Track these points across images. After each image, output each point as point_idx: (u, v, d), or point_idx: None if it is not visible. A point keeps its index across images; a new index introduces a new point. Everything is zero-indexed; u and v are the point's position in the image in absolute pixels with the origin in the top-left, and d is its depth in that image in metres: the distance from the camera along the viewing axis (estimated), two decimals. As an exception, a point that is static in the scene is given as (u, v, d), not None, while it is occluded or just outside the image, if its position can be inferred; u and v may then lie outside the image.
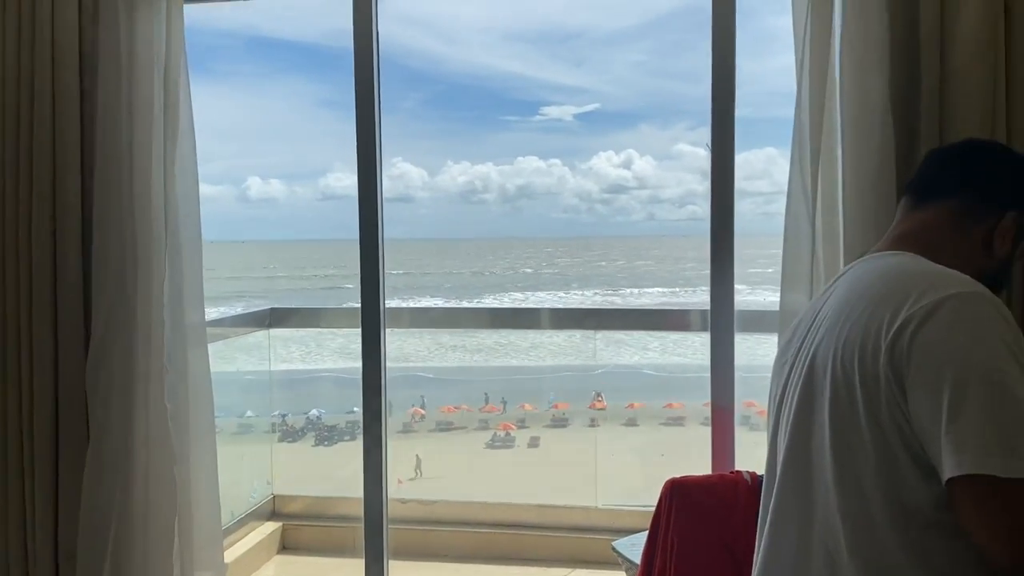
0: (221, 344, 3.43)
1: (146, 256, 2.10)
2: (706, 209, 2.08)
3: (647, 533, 1.88)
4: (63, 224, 2.15)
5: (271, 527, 3.56)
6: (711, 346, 2.09)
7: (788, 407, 1.24)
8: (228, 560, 3.05)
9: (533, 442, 9.91)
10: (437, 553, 3.43)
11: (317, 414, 9.96)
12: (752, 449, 2.14)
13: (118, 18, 2.06)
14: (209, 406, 2.21)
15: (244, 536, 3.41)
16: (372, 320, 2.31)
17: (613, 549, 2.15)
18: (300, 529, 3.62)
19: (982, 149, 1.37)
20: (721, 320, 2.08)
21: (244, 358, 3.87)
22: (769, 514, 1.26)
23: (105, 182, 2.09)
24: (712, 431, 2.09)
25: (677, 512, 1.81)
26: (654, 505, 1.90)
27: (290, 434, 9.48)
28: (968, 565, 1.04)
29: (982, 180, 1.27)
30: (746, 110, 2.06)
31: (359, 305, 2.32)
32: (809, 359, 1.19)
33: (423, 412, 10.54)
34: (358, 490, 2.37)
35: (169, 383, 2.13)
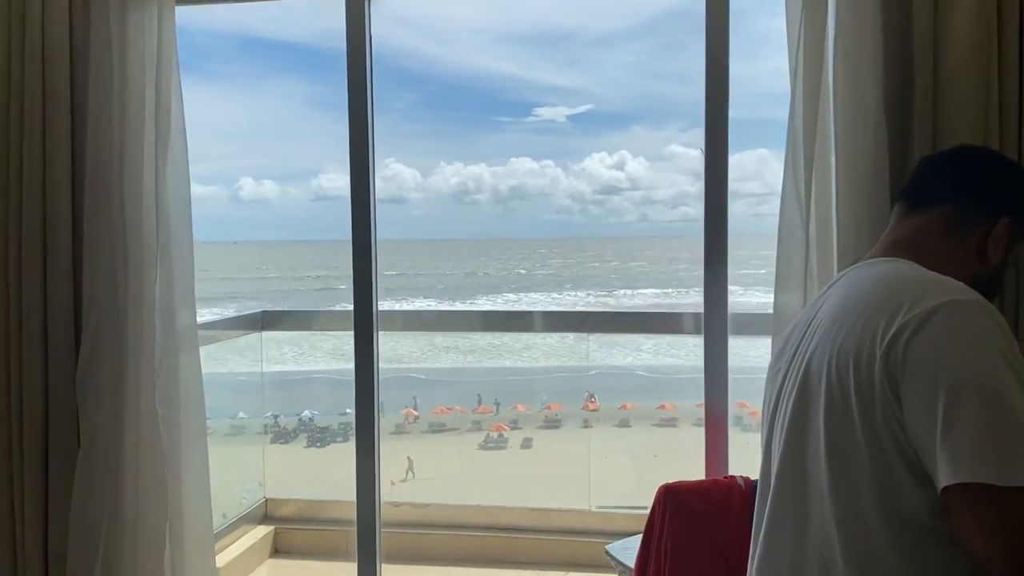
0: (214, 346, 3.41)
1: (137, 259, 2.08)
2: (698, 210, 2.07)
3: (641, 538, 1.88)
4: (53, 227, 2.13)
5: (263, 531, 3.55)
6: (705, 351, 2.08)
7: (783, 414, 1.23)
8: (220, 564, 3.04)
9: (526, 443, 9.91)
10: (430, 557, 3.42)
11: (310, 415, 9.93)
12: (744, 450, 2.14)
13: (109, 19, 2.04)
14: (200, 410, 2.20)
15: (236, 540, 3.40)
16: (365, 323, 2.30)
17: (606, 553, 2.15)
18: (292, 533, 3.61)
19: (975, 155, 1.36)
20: (715, 325, 2.07)
21: (237, 359, 3.85)
22: (764, 521, 1.25)
23: (96, 184, 2.08)
24: (706, 436, 2.09)
25: (671, 518, 1.80)
26: (647, 507, 1.90)
27: (282, 435, 9.45)
28: (963, 573, 1.04)
29: (975, 186, 1.27)
30: (738, 111, 2.05)
31: (352, 307, 2.32)
32: (804, 366, 1.19)
33: (416, 413, 10.53)
34: (351, 493, 2.35)
35: (160, 387, 2.11)
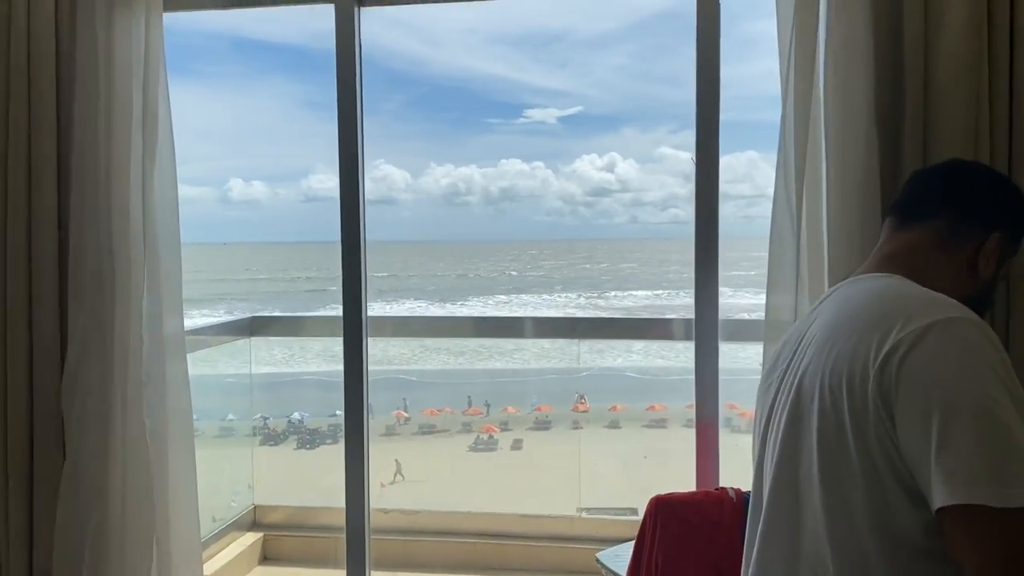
0: (203, 349, 3.39)
1: (124, 267, 2.04)
2: (688, 212, 2.06)
3: (632, 550, 1.86)
4: (39, 234, 2.09)
5: (252, 537, 3.52)
6: (695, 359, 2.07)
7: (775, 431, 1.23)
8: (209, 571, 3.01)
9: (516, 445, 9.91)
10: (420, 564, 3.41)
11: (299, 417, 9.90)
12: (734, 451, 2.14)
13: (95, 24, 2.01)
14: (188, 419, 2.16)
15: (225, 547, 3.37)
16: (354, 330, 2.27)
17: (597, 561, 2.14)
18: (282, 539, 3.59)
19: (966, 170, 1.35)
20: (706, 334, 2.06)
21: (226, 360, 3.83)
22: (757, 538, 1.24)
23: (82, 192, 2.04)
24: (697, 446, 2.08)
25: (662, 529, 1.78)
26: (636, 508, 1.89)
27: (272, 437, 9.41)
28: None
29: (966, 201, 1.26)
30: (728, 114, 2.04)
31: (341, 313, 2.29)
32: (796, 383, 1.17)
33: (406, 415, 10.51)
34: (340, 499, 2.34)
35: (147, 398, 2.08)
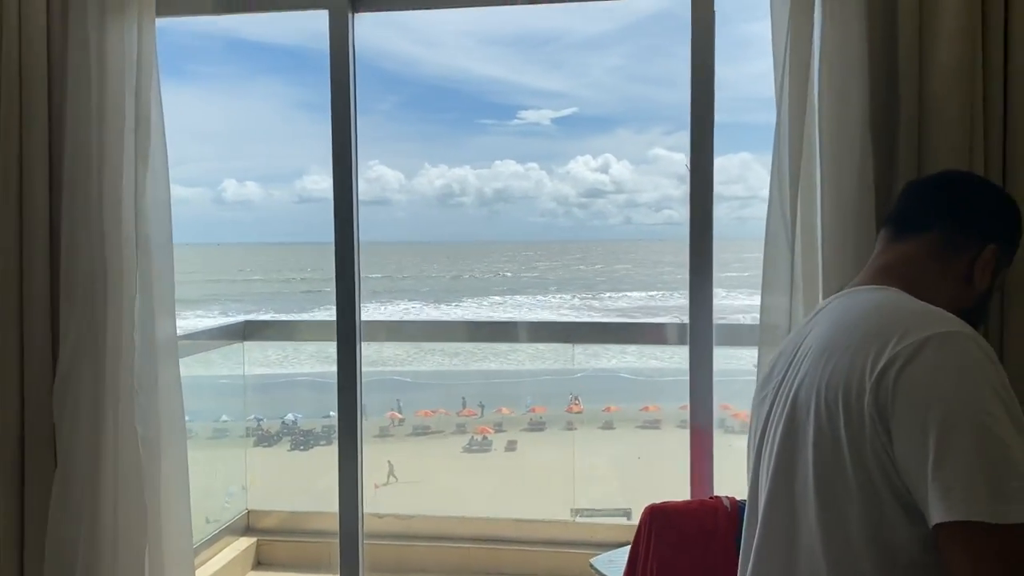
0: (196, 354, 3.39)
1: (116, 271, 2.01)
2: (682, 213, 2.05)
3: (627, 558, 1.84)
4: (30, 239, 2.06)
5: (245, 543, 3.51)
6: (690, 366, 2.06)
7: (770, 444, 1.22)
8: (202, 577, 3.02)
9: (510, 446, 9.93)
10: (414, 568, 3.41)
11: (293, 418, 9.89)
12: (728, 452, 2.14)
13: (87, 28, 1.99)
14: (180, 425, 2.11)
15: (218, 552, 3.36)
16: (348, 335, 2.23)
17: (591, 566, 2.12)
18: (275, 544, 3.57)
19: (961, 181, 1.34)
20: (700, 340, 2.04)
21: (220, 362, 3.82)
22: (752, 552, 1.24)
23: (74, 196, 2.01)
24: (691, 453, 2.06)
25: (657, 538, 1.76)
26: (630, 508, 1.89)
27: (265, 439, 9.40)
28: None
29: (962, 213, 1.26)
30: (721, 115, 2.03)
31: (335, 317, 2.26)
32: (791, 396, 1.17)
33: (400, 416, 10.51)
34: (334, 504, 2.33)
35: (139, 405, 2.04)
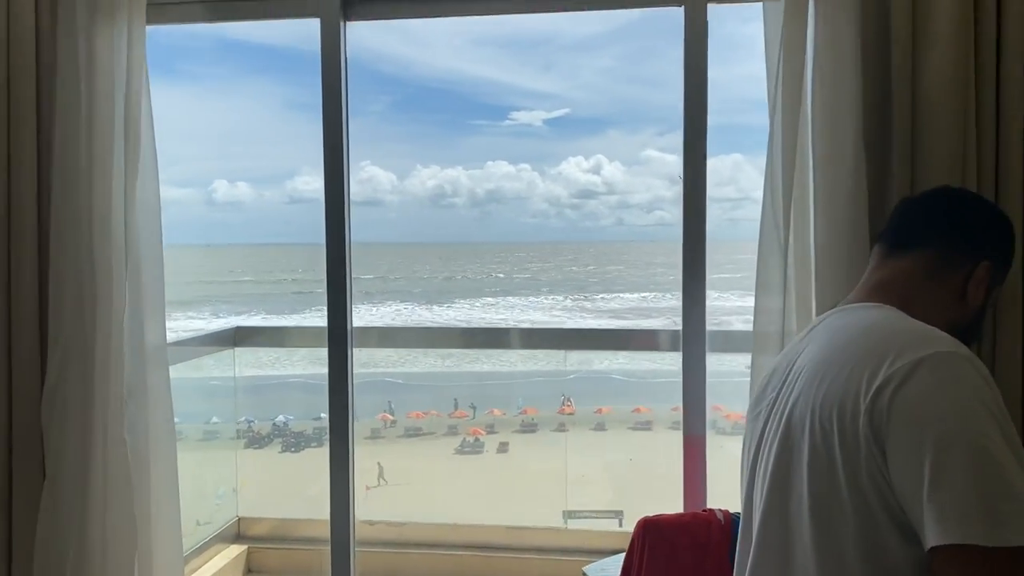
0: (186, 361, 3.36)
1: (105, 283, 1.99)
2: (674, 214, 2.05)
3: (620, 571, 1.83)
4: (18, 248, 2.04)
5: (236, 550, 3.47)
6: (683, 375, 2.05)
7: (764, 462, 1.21)
8: (193, 585, 2.99)
9: (502, 448, 9.91)
10: (406, 575, 3.39)
11: (284, 420, 9.85)
12: (719, 453, 2.14)
13: (77, 35, 1.97)
14: (170, 435, 2.09)
15: (209, 560, 3.33)
16: (339, 341, 2.21)
17: (584, 574, 2.12)
18: (266, 552, 3.54)
19: (955, 198, 1.34)
20: (693, 348, 2.03)
21: (211, 363, 3.79)
22: (747, 572, 1.23)
23: (63, 205, 1.99)
24: (684, 463, 2.05)
25: (650, 551, 1.74)
26: (622, 511, 1.88)
27: (256, 441, 9.35)
28: None
29: (956, 230, 1.25)
30: (712, 116, 2.01)
31: (326, 323, 2.22)
32: (786, 415, 1.17)
33: (392, 418, 10.48)
34: (325, 510, 2.32)
35: (128, 414, 2.02)
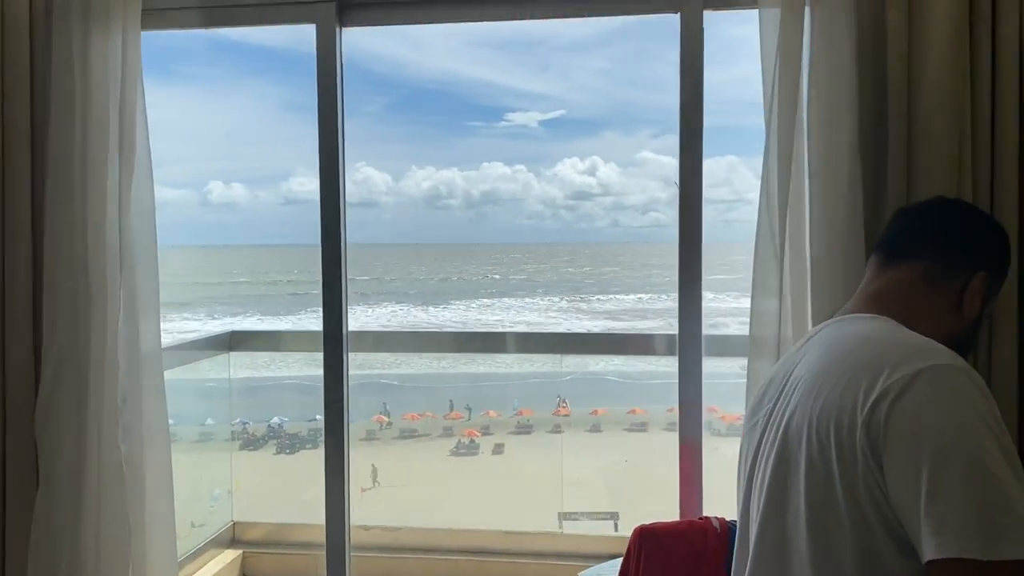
0: (181, 366, 3.36)
1: (100, 289, 1.98)
2: (669, 216, 2.06)
3: (615, 566, 1.83)
4: (12, 253, 2.03)
5: (231, 555, 3.46)
6: (679, 380, 2.05)
7: (761, 474, 1.21)
8: (187, 590, 2.98)
9: (497, 449, 9.91)
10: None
11: (279, 422, 9.84)
12: (713, 454, 2.14)
13: (71, 42, 1.96)
14: (165, 443, 2.07)
15: (204, 565, 3.32)
16: (334, 346, 2.20)
17: None
18: (261, 557, 3.53)
19: (951, 209, 1.35)
20: (689, 354, 2.03)
21: (206, 365, 3.79)
22: None
23: (57, 213, 1.98)
24: (680, 471, 2.05)
25: (647, 560, 1.74)
26: (617, 512, 1.88)
27: (251, 442, 9.34)
28: None
29: (952, 241, 1.25)
30: (707, 118, 2.00)
31: (320, 328, 2.20)
32: (783, 427, 1.16)
33: (387, 419, 10.47)
34: (320, 515, 2.31)
35: (123, 422, 2.01)
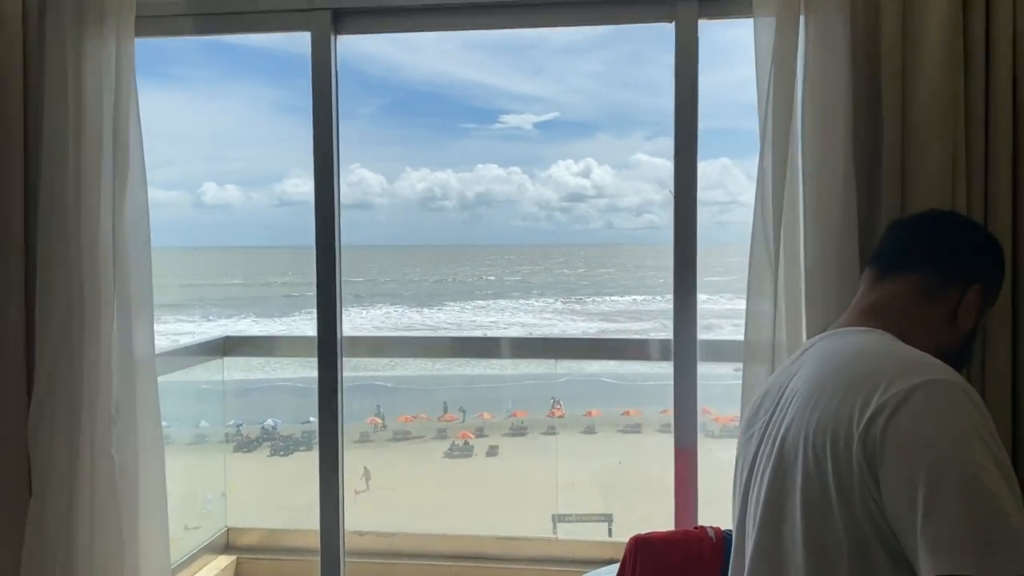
0: (175, 371, 3.35)
1: (93, 295, 1.97)
2: (663, 217, 2.06)
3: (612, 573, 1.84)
4: (4, 263, 2.02)
5: (225, 561, 3.45)
6: (674, 385, 2.05)
7: (757, 487, 1.21)
8: (182, 597, 2.97)
9: (491, 451, 9.90)
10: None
11: (272, 424, 9.81)
12: (706, 456, 2.14)
13: (65, 50, 1.95)
14: (159, 451, 2.07)
15: (198, 571, 3.31)
16: (328, 351, 2.19)
17: None
18: (255, 562, 3.52)
19: (946, 222, 1.35)
20: (684, 360, 2.03)
21: (200, 367, 3.79)
22: None
23: (50, 219, 1.97)
24: (675, 478, 2.06)
25: (642, 569, 1.74)
26: (611, 514, 1.87)
27: (245, 444, 9.31)
28: None
29: (947, 254, 1.26)
30: (701, 121, 2.00)
31: (315, 334, 2.20)
32: (779, 440, 1.17)
33: (381, 421, 10.45)
34: (315, 520, 2.30)
35: (116, 430, 2.00)
